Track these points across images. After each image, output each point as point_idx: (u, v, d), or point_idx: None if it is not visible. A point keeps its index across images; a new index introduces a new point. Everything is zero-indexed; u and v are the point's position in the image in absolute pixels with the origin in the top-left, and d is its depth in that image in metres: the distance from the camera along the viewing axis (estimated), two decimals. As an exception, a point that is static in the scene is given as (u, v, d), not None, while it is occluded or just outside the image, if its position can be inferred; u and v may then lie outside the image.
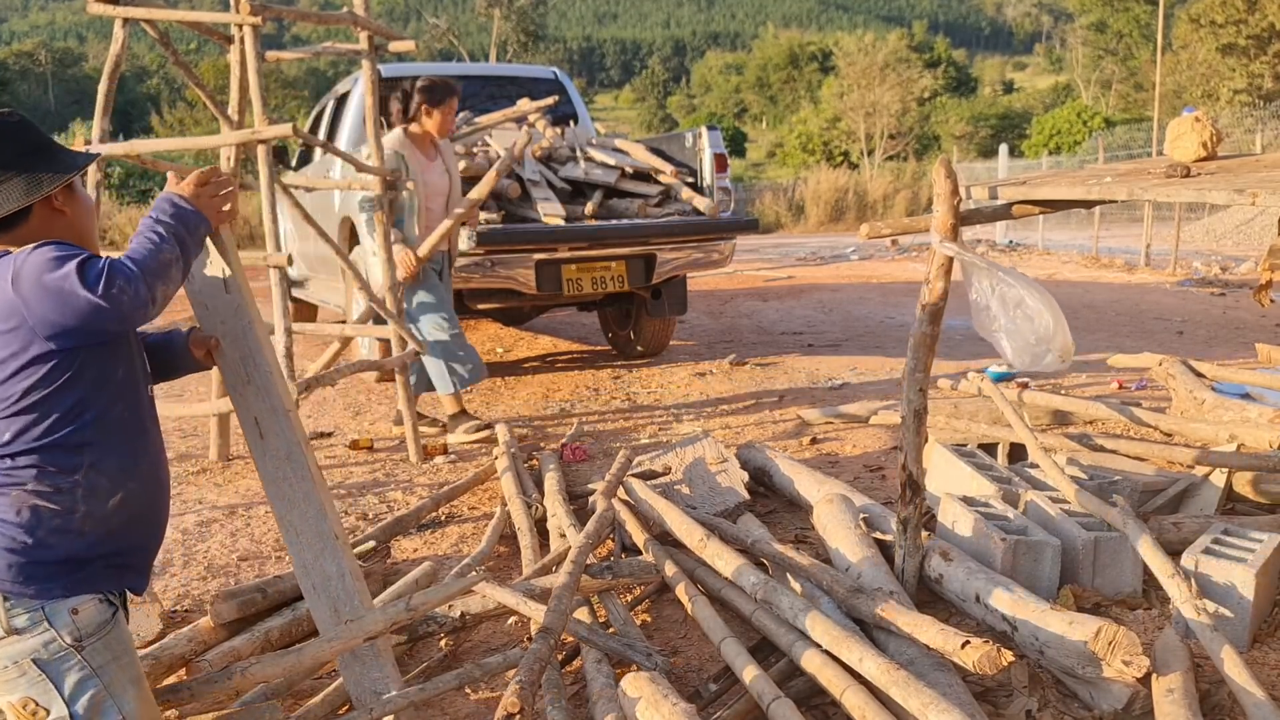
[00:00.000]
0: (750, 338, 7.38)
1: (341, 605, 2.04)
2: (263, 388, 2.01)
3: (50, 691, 1.53)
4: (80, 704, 1.54)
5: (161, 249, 1.61)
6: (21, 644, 1.52)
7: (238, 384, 2.03)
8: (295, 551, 2.07)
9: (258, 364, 2.01)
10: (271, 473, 2.05)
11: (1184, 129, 2.74)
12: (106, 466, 1.61)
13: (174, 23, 3.74)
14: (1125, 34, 50.42)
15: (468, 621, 2.45)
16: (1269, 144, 17.95)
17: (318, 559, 2.05)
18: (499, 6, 53.16)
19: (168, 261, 1.61)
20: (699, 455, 3.64)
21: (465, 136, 5.84)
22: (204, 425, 4.69)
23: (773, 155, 51.15)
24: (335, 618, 2.03)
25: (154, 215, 1.67)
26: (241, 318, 2.00)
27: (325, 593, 2.05)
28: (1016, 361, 2.30)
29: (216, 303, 2.00)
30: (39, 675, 1.52)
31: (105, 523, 1.60)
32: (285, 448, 2.03)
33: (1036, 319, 2.25)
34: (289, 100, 42.70)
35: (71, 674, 1.54)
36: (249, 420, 2.04)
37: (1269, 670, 2.17)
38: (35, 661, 1.52)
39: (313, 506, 2.04)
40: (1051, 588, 2.44)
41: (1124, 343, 6.64)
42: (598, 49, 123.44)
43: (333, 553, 2.05)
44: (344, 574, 2.05)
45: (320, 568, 2.05)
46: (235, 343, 2.01)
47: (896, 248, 15.89)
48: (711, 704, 2.14)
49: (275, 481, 2.06)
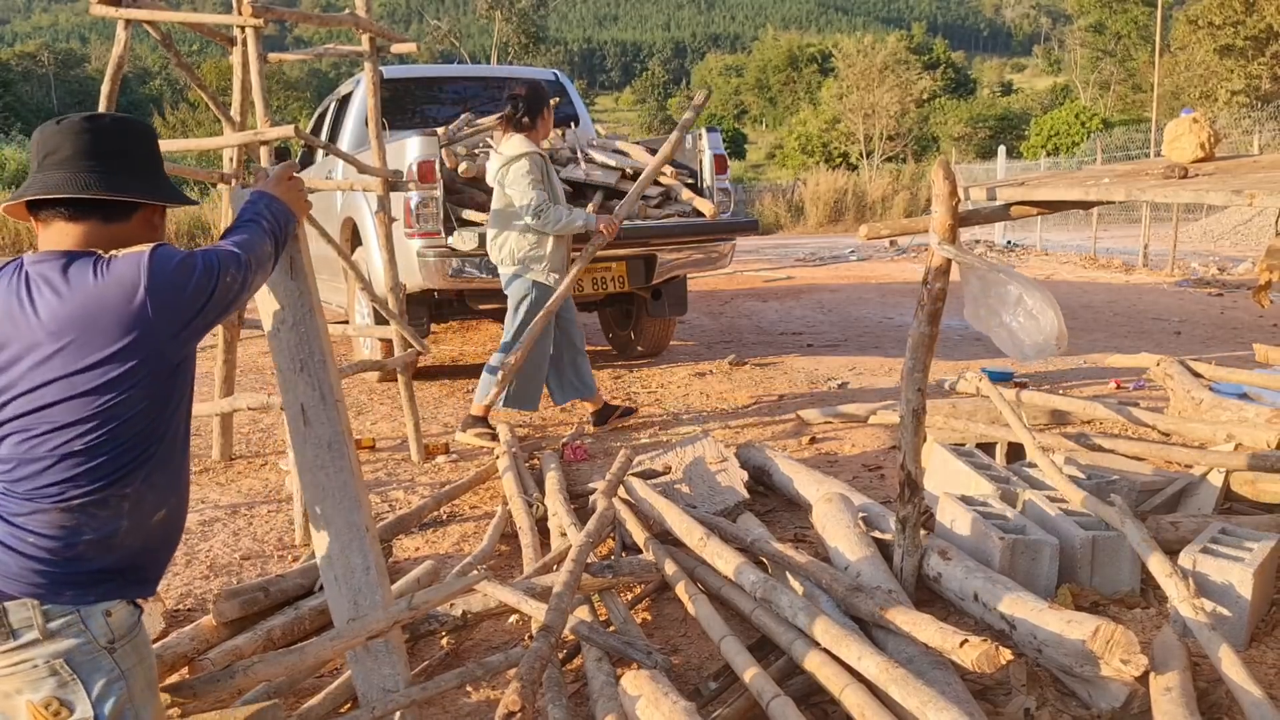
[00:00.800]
0: (750, 338, 7.39)
1: (363, 599, 2.03)
2: (315, 375, 2.04)
3: (79, 692, 1.51)
4: (107, 706, 1.53)
5: (264, 242, 1.70)
6: (56, 645, 1.50)
7: (291, 369, 2.05)
8: (320, 542, 2.06)
9: (313, 350, 2.04)
10: (310, 460, 2.04)
11: (1182, 130, 2.75)
12: (158, 482, 1.59)
13: (176, 24, 3.75)
14: (1123, 35, 50.48)
15: (469, 620, 2.46)
16: (1267, 145, 17.95)
17: (344, 551, 2.04)
18: (500, 8, 53.16)
19: (267, 254, 1.71)
20: (699, 455, 3.65)
21: (466, 138, 5.85)
22: (206, 425, 4.70)
23: (772, 156, 51.18)
24: (355, 610, 2.03)
25: (253, 211, 1.76)
26: (303, 303, 2.03)
27: (348, 584, 2.04)
28: (1019, 356, 2.34)
29: (279, 288, 2.04)
30: (70, 675, 1.51)
31: (146, 537, 1.59)
32: (329, 436, 2.04)
33: (1041, 316, 2.28)
34: (291, 101, 42.74)
35: (101, 675, 1.53)
36: (295, 406, 2.04)
37: (1266, 669, 2.18)
38: (68, 662, 1.50)
39: (348, 497, 2.04)
40: (1049, 587, 2.45)
41: (1122, 343, 6.66)
42: (598, 51, 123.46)
43: (360, 546, 2.04)
44: (369, 567, 2.04)
45: (346, 559, 2.04)
46: (294, 327, 2.03)
47: (895, 248, 15.90)
48: (711, 702, 2.15)
49: (313, 470, 2.04)
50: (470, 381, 5.89)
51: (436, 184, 5.08)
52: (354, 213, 5.82)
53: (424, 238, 5.15)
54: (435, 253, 5.15)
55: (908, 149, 39.61)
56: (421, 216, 5.11)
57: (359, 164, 4.07)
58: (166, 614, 2.63)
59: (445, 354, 7.07)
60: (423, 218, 5.11)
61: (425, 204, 5.09)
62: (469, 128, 5.94)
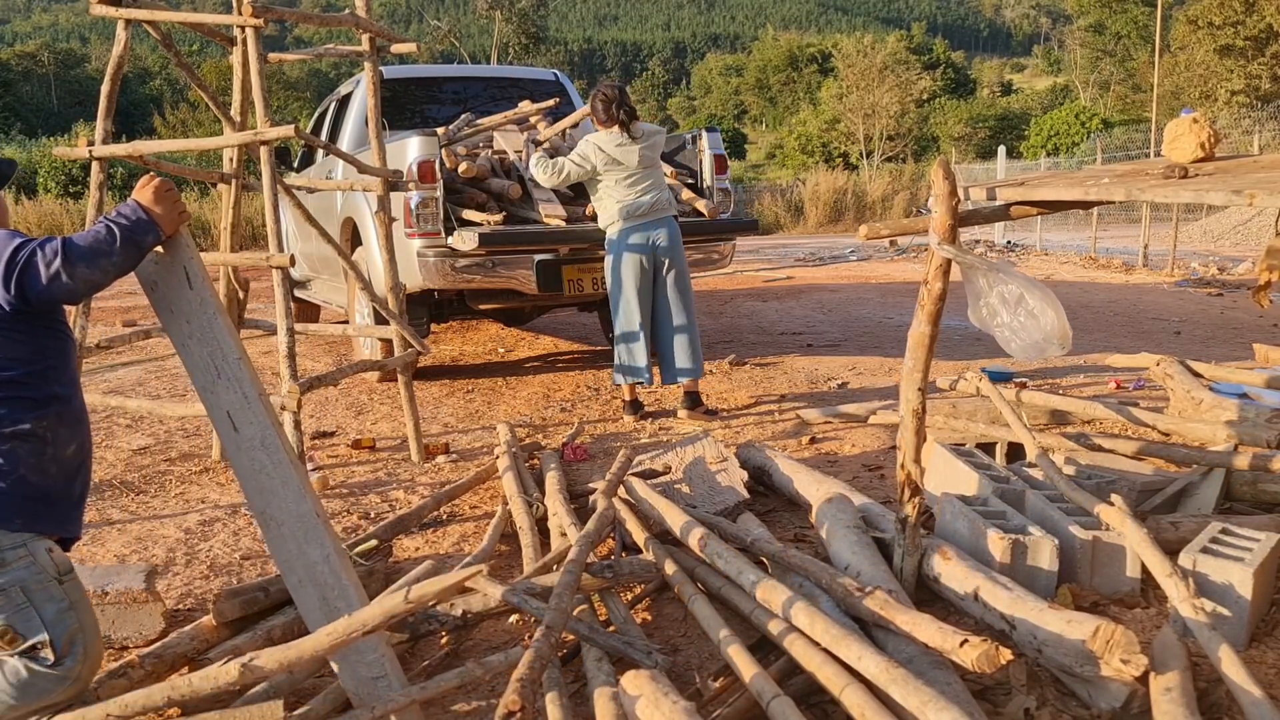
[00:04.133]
0: (750, 338, 7.40)
1: (329, 591, 1.99)
2: (233, 378, 2.00)
3: (33, 619, 1.67)
4: (59, 632, 1.69)
5: (100, 241, 1.81)
6: (11, 574, 1.66)
7: (208, 382, 2.02)
8: (277, 546, 2.03)
9: (226, 355, 2.00)
10: (247, 466, 2.03)
11: (1182, 130, 2.75)
12: (67, 416, 1.85)
13: (177, 24, 3.75)
14: (1123, 35, 50.51)
15: (469, 620, 2.46)
16: (1267, 145, 17.97)
17: (301, 547, 2.01)
18: (500, 9, 53.19)
19: (101, 252, 1.81)
20: (699, 455, 3.65)
21: (467, 138, 5.85)
22: (207, 425, 4.70)
23: (772, 157, 51.20)
24: (324, 605, 1.99)
25: (108, 216, 1.88)
26: (206, 311, 1.99)
27: (312, 581, 2.00)
28: (1021, 355, 2.35)
29: (180, 303, 2.00)
30: (25, 602, 1.66)
31: (66, 466, 1.83)
32: (259, 434, 2.01)
33: (1041, 316, 2.29)
34: (291, 101, 42.76)
35: (53, 604, 1.70)
36: (222, 417, 2.03)
37: (1266, 669, 2.18)
38: (23, 589, 1.66)
39: (291, 490, 2.01)
40: (1049, 586, 2.45)
41: (1121, 343, 6.66)
42: (598, 51, 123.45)
43: (315, 536, 2.01)
44: (329, 557, 2.00)
45: (304, 555, 2.01)
46: (202, 339, 2.00)
47: (895, 249, 15.91)
48: (711, 702, 2.15)
49: (252, 475, 2.03)
50: (470, 381, 5.90)
51: (436, 184, 5.08)
52: (354, 213, 5.83)
53: (424, 238, 5.15)
54: (435, 253, 5.15)
55: (907, 149, 39.63)
56: (421, 216, 5.11)
57: (359, 164, 4.07)
58: (166, 614, 2.62)
59: (445, 354, 7.07)
60: (423, 218, 5.11)
61: (425, 204, 5.10)
62: (469, 128, 5.94)
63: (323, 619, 1.99)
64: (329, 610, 2.00)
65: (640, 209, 4.67)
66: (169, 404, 4.16)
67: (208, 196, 22.98)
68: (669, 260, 4.77)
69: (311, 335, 5.49)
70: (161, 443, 4.58)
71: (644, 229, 4.69)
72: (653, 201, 4.71)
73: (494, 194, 5.45)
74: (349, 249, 5.88)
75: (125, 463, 4.26)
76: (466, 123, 6.01)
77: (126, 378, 6.13)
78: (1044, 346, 2.29)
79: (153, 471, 4.13)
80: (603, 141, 4.64)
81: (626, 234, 4.68)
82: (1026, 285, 2.30)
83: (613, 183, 4.67)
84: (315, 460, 4.16)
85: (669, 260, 4.77)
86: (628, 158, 4.64)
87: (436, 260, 5.15)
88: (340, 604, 2.00)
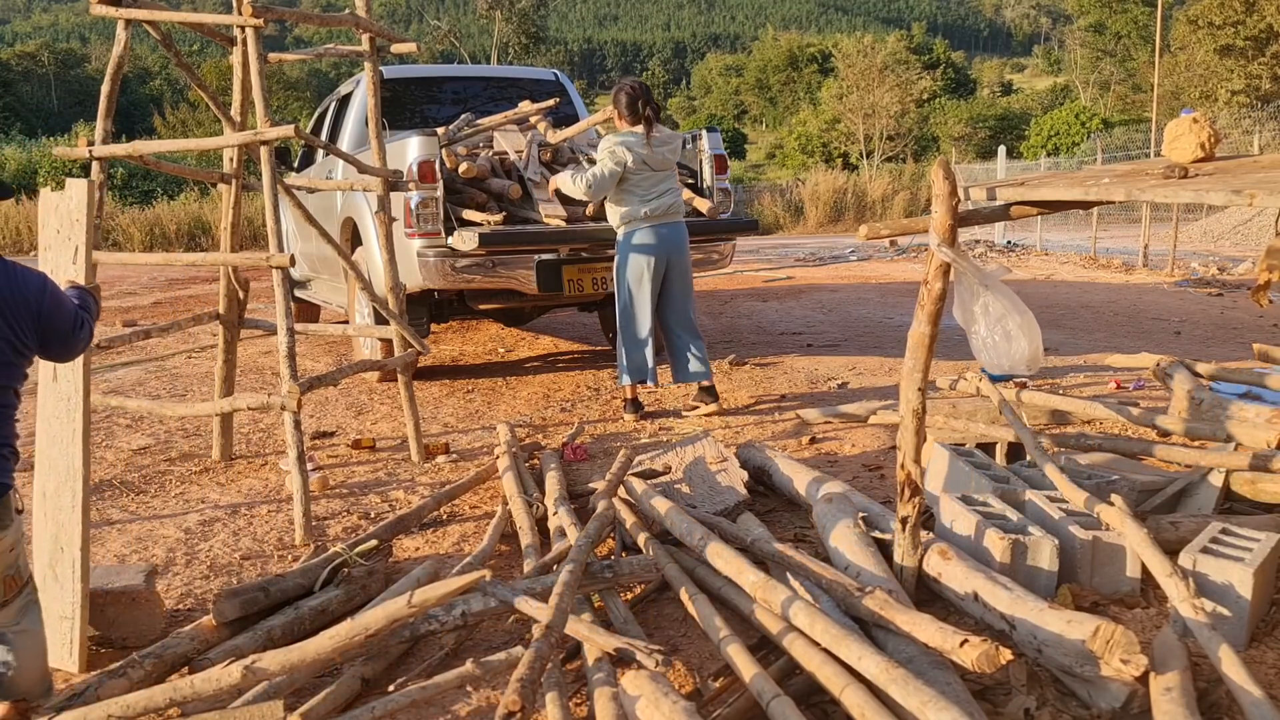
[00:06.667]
0: (750, 338, 7.39)
1: (63, 533, 2.38)
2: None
3: (25, 562, 1.96)
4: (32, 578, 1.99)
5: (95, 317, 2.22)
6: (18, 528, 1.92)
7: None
8: (40, 481, 2.42)
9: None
10: (51, 410, 2.45)
11: (1182, 130, 2.75)
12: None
13: (177, 24, 3.75)
14: (1123, 35, 50.53)
15: (469, 620, 2.46)
16: (1267, 145, 17.97)
17: (58, 488, 2.41)
18: (500, 8, 53.20)
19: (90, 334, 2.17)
20: (699, 455, 3.66)
21: (467, 138, 5.85)
22: (207, 425, 4.71)
23: (772, 157, 51.22)
24: (55, 544, 2.39)
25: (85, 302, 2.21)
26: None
27: (54, 519, 2.39)
28: (985, 364, 2.50)
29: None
30: (23, 552, 1.94)
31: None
32: (71, 391, 2.42)
33: (1014, 342, 2.40)
34: (291, 101, 42.76)
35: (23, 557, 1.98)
36: (48, 368, 2.39)
37: (1266, 669, 2.18)
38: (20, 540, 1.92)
39: (77, 445, 2.40)
40: (1049, 586, 2.45)
41: (1122, 343, 6.66)
42: (598, 51, 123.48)
43: (72, 485, 2.38)
44: (75, 505, 2.38)
45: (58, 497, 2.40)
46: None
47: (895, 249, 15.91)
48: (711, 702, 2.15)
49: (53, 419, 2.44)
50: (470, 381, 5.90)
51: (436, 184, 5.08)
52: (354, 213, 5.83)
53: (424, 238, 5.15)
54: (435, 253, 5.15)
55: (907, 149, 39.63)
56: (421, 216, 5.11)
57: (359, 164, 4.07)
58: (166, 614, 2.62)
59: (445, 354, 7.07)
60: (423, 218, 5.11)
61: (425, 204, 5.10)
62: (469, 128, 5.95)
63: (49, 547, 2.40)
64: (59, 546, 2.38)
65: (659, 210, 4.67)
66: (169, 404, 4.16)
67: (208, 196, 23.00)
68: (678, 262, 4.77)
69: (311, 335, 5.49)
70: (161, 443, 4.58)
71: (656, 230, 4.69)
72: (670, 203, 4.71)
73: (494, 194, 5.46)
74: (349, 249, 5.88)
75: (125, 463, 4.26)
76: (466, 123, 6.02)
77: (126, 378, 6.13)
78: (1009, 367, 2.41)
79: (153, 471, 4.13)
80: (630, 141, 4.61)
81: (640, 234, 4.68)
82: (1011, 307, 2.38)
83: (635, 183, 4.65)
84: (315, 460, 4.16)
85: (678, 262, 4.77)
86: (653, 157, 4.64)
87: (436, 260, 5.15)
88: (71, 545, 2.37)
